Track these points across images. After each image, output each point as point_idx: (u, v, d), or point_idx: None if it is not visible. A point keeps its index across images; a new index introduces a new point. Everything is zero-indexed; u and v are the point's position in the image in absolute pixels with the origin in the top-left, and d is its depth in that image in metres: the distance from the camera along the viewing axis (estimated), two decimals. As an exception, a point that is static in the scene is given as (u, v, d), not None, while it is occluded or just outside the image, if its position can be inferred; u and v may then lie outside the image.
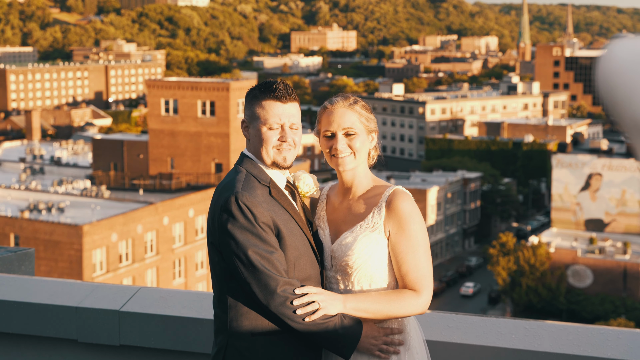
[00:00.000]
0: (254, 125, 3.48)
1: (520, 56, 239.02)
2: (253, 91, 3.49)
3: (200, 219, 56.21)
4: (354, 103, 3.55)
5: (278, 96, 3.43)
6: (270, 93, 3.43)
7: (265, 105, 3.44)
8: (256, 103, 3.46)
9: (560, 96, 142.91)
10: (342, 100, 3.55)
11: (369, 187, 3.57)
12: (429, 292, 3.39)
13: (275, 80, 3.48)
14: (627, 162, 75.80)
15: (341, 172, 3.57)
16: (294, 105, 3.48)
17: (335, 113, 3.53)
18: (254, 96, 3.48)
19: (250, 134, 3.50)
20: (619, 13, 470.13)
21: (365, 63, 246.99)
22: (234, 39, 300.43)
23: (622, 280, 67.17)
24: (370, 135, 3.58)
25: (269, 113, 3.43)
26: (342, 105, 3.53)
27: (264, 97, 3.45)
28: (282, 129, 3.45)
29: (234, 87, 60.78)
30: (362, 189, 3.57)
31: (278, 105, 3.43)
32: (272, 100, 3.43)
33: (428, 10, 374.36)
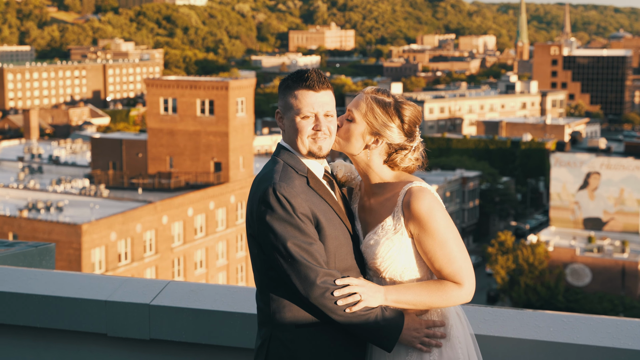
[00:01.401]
0: (288, 115, 3.46)
1: (518, 55, 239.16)
2: (286, 81, 3.47)
3: (200, 217, 56.16)
4: (375, 100, 3.53)
5: (310, 85, 3.41)
6: (303, 82, 3.41)
7: (298, 94, 3.42)
8: (289, 93, 3.44)
9: (558, 95, 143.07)
10: (373, 90, 3.56)
11: (388, 183, 3.52)
12: (471, 281, 3.36)
13: (308, 69, 3.46)
14: (625, 160, 75.89)
15: (352, 161, 3.58)
16: (328, 93, 3.44)
17: (356, 96, 3.59)
18: (286, 86, 3.46)
19: (285, 125, 3.48)
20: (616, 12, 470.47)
21: (364, 62, 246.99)
22: (232, 38, 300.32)
23: (620, 279, 67.26)
24: (374, 137, 3.52)
25: (302, 102, 3.41)
26: (367, 91, 3.55)
27: (297, 86, 3.42)
28: (316, 118, 3.42)
29: (233, 86, 60.71)
30: (378, 187, 3.53)
31: (311, 94, 3.41)
32: (304, 90, 3.41)
33: (426, 9, 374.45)
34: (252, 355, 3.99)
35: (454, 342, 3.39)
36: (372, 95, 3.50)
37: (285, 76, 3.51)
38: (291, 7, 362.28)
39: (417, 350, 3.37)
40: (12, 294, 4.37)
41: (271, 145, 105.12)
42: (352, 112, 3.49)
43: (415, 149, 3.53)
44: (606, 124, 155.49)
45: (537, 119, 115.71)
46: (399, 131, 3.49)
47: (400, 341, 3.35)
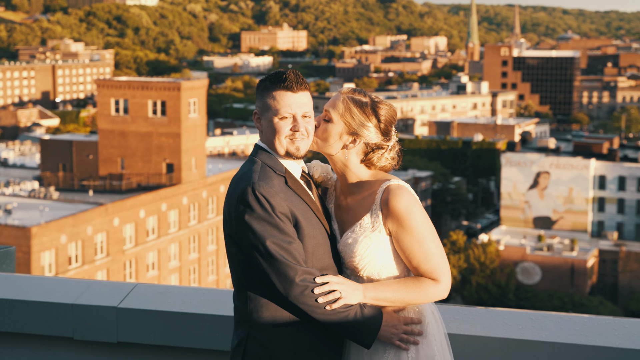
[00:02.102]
0: (265, 116, 3.47)
1: (469, 56, 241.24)
2: (264, 82, 3.49)
3: (152, 219, 55.73)
4: (352, 100, 3.54)
5: (288, 86, 3.43)
6: (281, 83, 3.43)
7: (276, 95, 3.43)
8: (267, 94, 3.46)
9: (509, 96, 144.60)
10: (349, 90, 3.58)
11: (365, 182, 3.54)
12: (447, 278, 3.40)
13: (285, 70, 3.47)
14: (574, 160, 76.94)
15: (329, 160, 3.59)
16: (305, 94, 3.47)
17: (333, 96, 3.58)
18: (264, 87, 3.47)
19: (263, 125, 3.49)
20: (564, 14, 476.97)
21: (316, 63, 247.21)
22: (184, 38, 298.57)
23: (569, 277, 68.12)
24: (351, 137, 3.53)
25: (280, 103, 3.43)
26: (344, 92, 3.57)
27: (275, 87, 3.44)
28: (294, 119, 3.45)
29: (185, 87, 60.37)
30: (355, 186, 3.55)
31: (289, 95, 3.43)
32: (282, 91, 3.43)
33: (378, 10, 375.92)
34: (221, 357, 3.97)
35: (430, 339, 3.42)
36: (348, 95, 3.52)
37: (263, 77, 3.52)
38: (243, 8, 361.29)
39: (394, 348, 3.39)
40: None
41: (224, 146, 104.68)
42: (329, 112, 3.51)
43: (391, 148, 3.56)
44: (555, 124, 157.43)
45: (488, 119, 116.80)
46: (376, 130, 3.52)
47: (378, 338, 3.37)
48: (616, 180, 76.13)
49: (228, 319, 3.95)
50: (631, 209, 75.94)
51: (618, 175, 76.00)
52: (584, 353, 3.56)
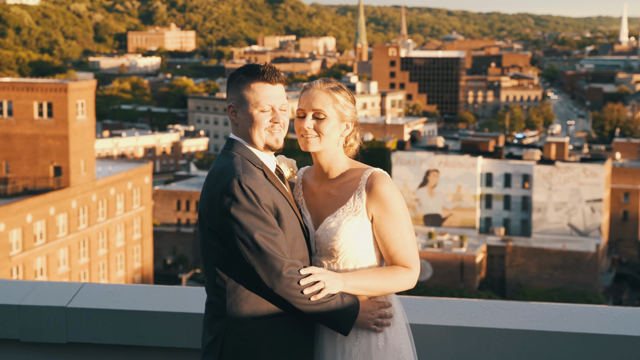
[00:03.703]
0: (243, 109, 3.47)
1: (357, 57, 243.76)
2: (237, 75, 3.49)
3: (39, 224, 54.42)
4: (333, 89, 3.59)
5: (267, 78, 3.46)
6: (259, 75, 3.46)
7: (255, 88, 3.45)
8: (244, 86, 3.46)
9: (397, 95, 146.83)
10: (321, 83, 3.60)
11: (347, 171, 3.62)
12: (418, 267, 3.50)
13: (260, 64, 3.49)
14: (461, 158, 78.63)
15: (315, 155, 3.63)
16: (281, 87, 3.52)
17: (310, 94, 3.58)
18: (239, 80, 3.48)
19: (239, 118, 3.49)
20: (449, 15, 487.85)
21: (205, 63, 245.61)
22: (68, 38, 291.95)
23: (459, 272, 69.62)
24: (344, 123, 3.62)
25: (259, 95, 3.45)
26: (319, 87, 3.58)
27: (252, 79, 3.46)
28: (273, 111, 3.48)
29: (72, 88, 59.21)
30: (339, 174, 3.63)
31: (268, 87, 3.46)
32: (261, 83, 3.46)
33: (266, 10, 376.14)
34: (174, 354, 3.93)
35: (397, 328, 3.51)
36: (327, 86, 3.58)
37: (235, 70, 3.53)
38: (129, 8, 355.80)
39: (366, 335, 3.46)
40: None
41: (112, 148, 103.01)
42: (322, 110, 3.55)
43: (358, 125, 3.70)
44: (442, 123, 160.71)
45: (378, 118, 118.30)
46: (354, 109, 3.65)
47: (355, 324, 3.43)
48: (502, 177, 78.18)
49: (180, 315, 3.93)
50: (516, 205, 78.12)
51: (504, 173, 78.08)
52: (535, 338, 3.68)
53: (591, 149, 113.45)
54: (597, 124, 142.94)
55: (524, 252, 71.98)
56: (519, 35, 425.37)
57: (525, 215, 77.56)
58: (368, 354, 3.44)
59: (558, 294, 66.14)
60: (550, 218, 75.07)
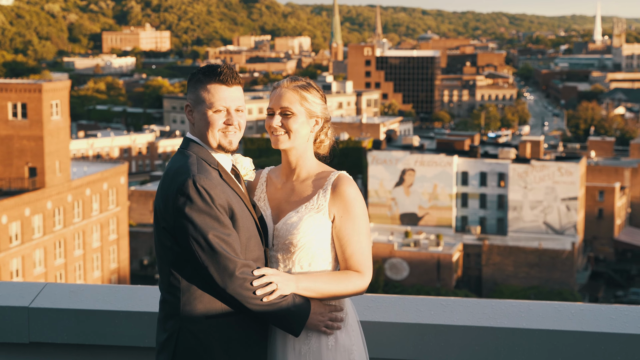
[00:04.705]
0: (198, 109, 3.49)
1: (332, 56, 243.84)
2: (196, 75, 3.51)
3: (15, 225, 54.10)
4: (300, 87, 3.62)
5: (223, 80, 3.47)
6: (216, 77, 3.47)
7: (211, 88, 3.47)
8: (201, 87, 3.48)
9: (373, 95, 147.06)
10: (288, 81, 3.64)
11: (314, 170, 3.66)
12: (370, 273, 3.54)
13: (219, 65, 3.50)
14: (437, 157, 78.84)
15: (285, 152, 3.66)
16: (239, 88, 3.52)
17: (278, 92, 3.61)
18: (197, 80, 3.50)
19: (195, 118, 3.51)
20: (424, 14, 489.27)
21: (180, 63, 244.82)
22: (42, 39, 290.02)
23: (436, 271, 69.81)
24: (313, 119, 3.64)
25: (214, 96, 3.46)
26: (286, 85, 3.62)
27: (209, 80, 3.47)
28: (227, 112, 3.49)
29: (46, 89, 58.92)
30: (306, 172, 3.66)
31: (224, 89, 3.47)
32: (217, 84, 3.47)
33: (241, 10, 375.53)
34: (137, 352, 3.95)
35: (349, 329, 3.56)
36: (294, 84, 3.62)
37: (195, 70, 3.55)
38: (104, 8, 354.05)
39: (316, 335, 3.51)
40: None
41: (88, 149, 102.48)
42: (288, 107, 3.58)
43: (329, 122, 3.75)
44: (418, 122, 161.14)
45: (354, 118, 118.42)
46: (324, 105, 3.68)
47: (306, 326, 3.47)
48: (478, 176, 78.48)
49: (143, 314, 3.95)
50: (492, 204, 78.44)
51: (479, 171, 78.38)
52: (493, 334, 3.73)
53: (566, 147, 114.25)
54: (571, 122, 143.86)
55: (500, 250, 72.30)
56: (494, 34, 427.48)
57: (501, 214, 77.89)
58: (318, 353, 3.48)
59: (534, 292, 66.47)
60: (526, 216, 75.43)
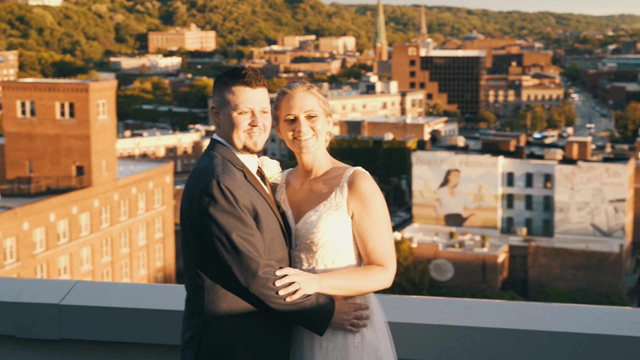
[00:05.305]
0: (224, 110, 3.55)
1: (377, 56, 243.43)
2: (222, 77, 3.57)
3: (62, 223, 54.79)
4: (311, 87, 3.67)
5: (248, 82, 3.52)
6: (240, 79, 3.52)
7: (235, 90, 3.52)
8: (225, 89, 3.54)
9: (417, 95, 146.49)
10: (301, 85, 3.68)
11: (329, 168, 3.71)
12: (394, 266, 3.55)
13: (244, 66, 3.55)
14: (482, 158, 78.35)
15: (303, 155, 3.69)
16: (263, 90, 3.57)
17: (296, 97, 3.65)
18: (222, 82, 3.56)
19: (221, 120, 3.57)
20: (469, 14, 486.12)
21: (225, 63, 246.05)
22: (90, 39, 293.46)
23: (481, 272, 69.36)
24: (327, 118, 3.71)
25: (239, 98, 3.51)
26: (302, 89, 3.66)
27: (234, 82, 3.53)
28: (252, 114, 3.54)
29: (93, 88, 59.59)
30: (322, 170, 3.70)
31: (248, 91, 3.52)
32: (241, 86, 3.52)
33: (286, 10, 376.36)
34: (165, 350, 4.01)
35: (375, 326, 3.57)
36: (307, 87, 3.67)
37: (221, 73, 3.60)
38: (150, 8, 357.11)
39: (342, 334, 3.52)
40: None
41: (134, 148, 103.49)
42: (312, 110, 3.64)
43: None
44: (463, 122, 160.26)
45: (398, 118, 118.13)
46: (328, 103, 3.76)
47: (331, 324, 3.49)
48: (523, 177, 77.86)
49: (170, 313, 4.01)
50: (538, 205, 77.75)
51: (525, 172, 77.75)
52: (517, 337, 3.73)
53: (614, 148, 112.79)
54: (619, 123, 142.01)
55: (546, 252, 71.62)
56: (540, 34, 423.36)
57: (548, 215, 77.19)
58: (345, 350, 3.50)
59: (581, 295, 65.76)
60: (572, 218, 74.67)
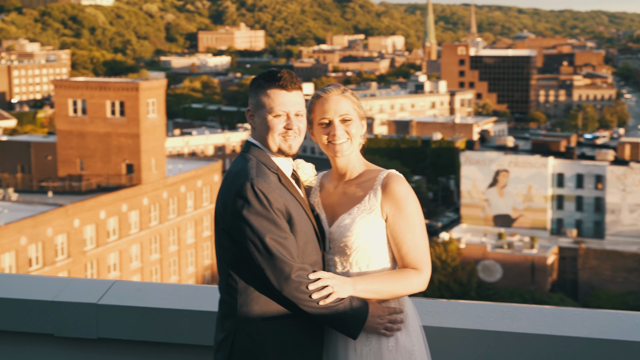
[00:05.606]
0: (259, 113, 3.56)
1: (426, 55, 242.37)
2: (257, 80, 3.57)
3: (112, 220, 55.37)
4: (345, 91, 3.67)
5: (283, 85, 3.52)
6: (276, 82, 3.53)
7: (271, 93, 3.53)
8: (261, 92, 3.55)
9: (466, 94, 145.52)
10: (335, 88, 3.67)
11: (362, 171, 3.70)
12: (429, 269, 3.53)
13: (280, 69, 3.56)
14: (532, 158, 77.64)
15: (337, 158, 3.67)
16: (299, 93, 3.57)
17: (331, 101, 3.65)
18: (258, 85, 3.56)
19: (256, 122, 3.58)
20: (520, 13, 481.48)
21: (274, 62, 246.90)
22: (141, 38, 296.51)
23: (530, 274, 68.69)
24: (362, 121, 3.70)
25: (274, 101, 3.52)
26: (336, 93, 3.66)
27: (269, 85, 3.53)
28: (287, 117, 3.54)
29: (143, 87, 60.12)
30: (356, 173, 3.69)
31: (283, 94, 3.53)
32: (277, 89, 3.53)
33: (335, 9, 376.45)
34: (200, 351, 4.03)
35: (410, 330, 3.55)
36: (342, 90, 3.67)
37: (257, 75, 3.61)
38: (200, 8, 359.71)
39: (376, 337, 3.51)
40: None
41: (183, 146, 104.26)
42: (347, 113, 3.64)
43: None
44: (513, 122, 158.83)
45: (447, 118, 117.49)
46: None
47: (365, 328, 3.48)
48: (574, 178, 76.99)
49: (206, 314, 4.02)
50: (589, 207, 76.82)
51: (576, 173, 76.87)
52: (554, 343, 3.67)
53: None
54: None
55: (597, 254, 70.70)
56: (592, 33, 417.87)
57: (598, 217, 76.23)
58: (379, 354, 3.48)
59: (632, 298, 64.84)
60: (624, 220, 73.66)
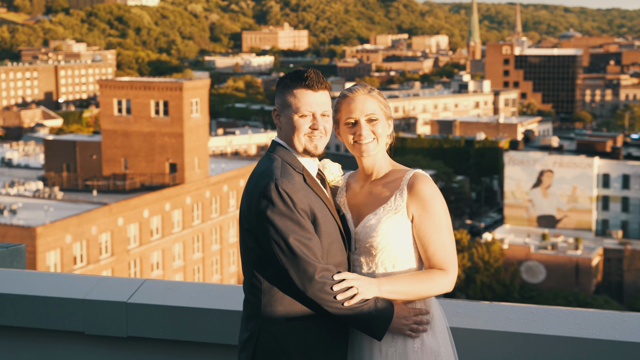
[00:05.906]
0: (285, 113, 3.55)
1: (470, 55, 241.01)
2: (284, 80, 3.56)
3: (155, 219, 55.79)
4: (372, 90, 3.65)
5: (309, 85, 3.51)
6: (302, 82, 3.51)
7: (297, 93, 3.51)
8: (287, 92, 3.53)
9: (511, 94, 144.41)
10: (362, 88, 3.65)
11: (389, 171, 3.67)
12: (456, 270, 3.51)
13: (306, 69, 3.54)
14: (577, 158, 76.88)
15: (364, 158, 3.66)
16: (325, 93, 3.55)
17: (357, 100, 3.63)
18: (285, 85, 3.55)
19: (282, 122, 3.57)
20: (566, 12, 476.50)
21: (317, 62, 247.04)
22: (185, 38, 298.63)
23: (574, 275, 68.03)
24: (388, 121, 3.68)
25: (300, 101, 3.50)
26: (363, 92, 3.64)
27: (296, 85, 3.52)
28: (313, 117, 3.53)
29: (187, 87, 60.49)
30: (382, 173, 3.67)
31: (309, 94, 3.51)
32: (303, 89, 3.51)
33: (378, 9, 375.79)
34: (228, 350, 4.04)
35: (436, 331, 3.53)
36: (368, 90, 3.65)
37: (284, 75, 3.60)
38: (244, 8, 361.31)
39: (402, 338, 3.49)
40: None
41: (226, 146, 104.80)
42: (374, 113, 3.62)
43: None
44: (558, 122, 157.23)
45: (490, 117, 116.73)
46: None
47: (390, 329, 3.46)
48: (620, 178, 76.08)
49: (235, 313, 4.03)
50: (635, 208, 75.89)
51: (622, 174, 75.97)
52: (584, 346, 3.63)
53: None
54: None
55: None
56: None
57: (645, 218, 75.39)
58: (404, 355, 3.46)
59: (678, 300, 63.99)
60: (671, 221, 72.78)
